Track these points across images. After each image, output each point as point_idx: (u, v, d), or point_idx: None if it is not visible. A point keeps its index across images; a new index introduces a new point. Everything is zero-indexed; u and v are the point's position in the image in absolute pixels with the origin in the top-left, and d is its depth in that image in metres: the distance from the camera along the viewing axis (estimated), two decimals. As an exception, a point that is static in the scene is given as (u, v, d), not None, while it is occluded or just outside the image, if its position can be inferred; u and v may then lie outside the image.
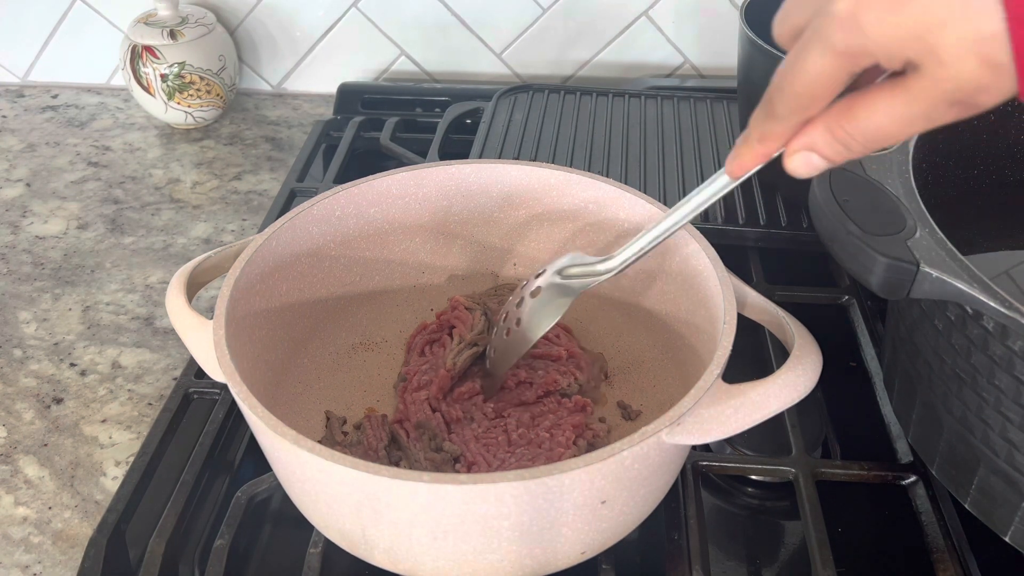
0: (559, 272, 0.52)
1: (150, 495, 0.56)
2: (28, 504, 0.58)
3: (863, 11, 0.30)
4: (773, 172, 0.40)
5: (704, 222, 0.74)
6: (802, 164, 0.35)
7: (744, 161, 0.39)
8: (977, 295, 0.41)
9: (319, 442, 0.43)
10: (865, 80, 0.33)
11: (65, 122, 1.01)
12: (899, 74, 0.32)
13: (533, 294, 0.53)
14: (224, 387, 0.56)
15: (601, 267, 0.51)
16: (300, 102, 1.05)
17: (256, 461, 0.57)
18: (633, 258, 0.50)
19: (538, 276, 0.54)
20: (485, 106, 0.90)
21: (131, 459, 0.59)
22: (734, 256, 0.62)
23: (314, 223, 0.60)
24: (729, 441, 0.58)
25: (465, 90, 0.98)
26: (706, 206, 0.45)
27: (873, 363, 0.64)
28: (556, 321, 0.52)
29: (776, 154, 0.38)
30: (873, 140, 0.33)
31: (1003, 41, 0.28)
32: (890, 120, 0.32)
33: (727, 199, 0.77)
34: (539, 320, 0.52)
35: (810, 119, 0.35)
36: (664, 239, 0.49)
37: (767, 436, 0.59)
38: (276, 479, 0.52)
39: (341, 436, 0.57)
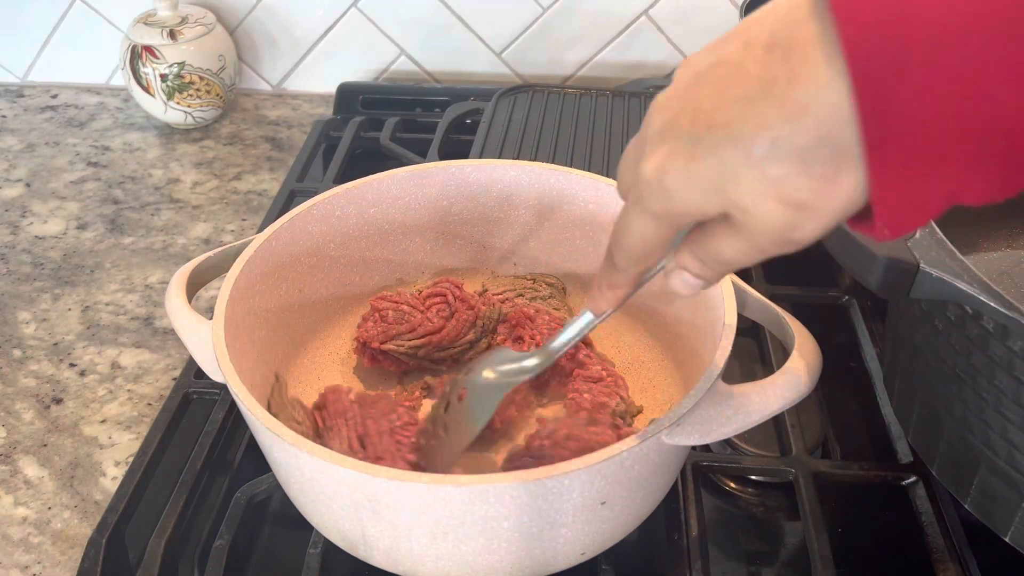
0: (485, 370, 0.50)
1: (150, 495, 0.56)
2: (28, 504, 0.58)
3: (666, 174, 0.31)
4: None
5: (704, 222, 0.74)
6: (679, 284, 0.37)
7: (600, 305, 0.42)
8: (977, 295, 0.41)
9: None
10: None
11: (65, 122, 1.01)
12: None
13: (460, 397, 0.51)
14: (224, 387, 0.56)
15: (528, 364, 0.49)
16: (300, 102, 1.05)
17: (256, 461, 0.57)
18: (550, 361, 0.48)
19: (466, 374, 0.52)
20: (485, 106, 0.90)
21: (131, 459, 0.58)
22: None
23: (314, 223, 0.60)
24: (729, 441, 0.58)
25: (465, 90, 0.98)
26: (582, 336, 0.46)
27: (873, 363, 0.64)
28: (487, 420, 0.50)
29: (628, 296, 0.41)
30: (727, 265, 0.34)
31: (794, 179, 0.28)
32: (733, 252, 0.33)
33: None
34: (471, 421, 0.50)
35: (648, 268, 0.38)
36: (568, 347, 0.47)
37: (767, 436, 0.59)
38: (276, 479, 0.52)
39: (283, 403, 0.55)
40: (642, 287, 0.41)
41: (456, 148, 0.87)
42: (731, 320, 0.49)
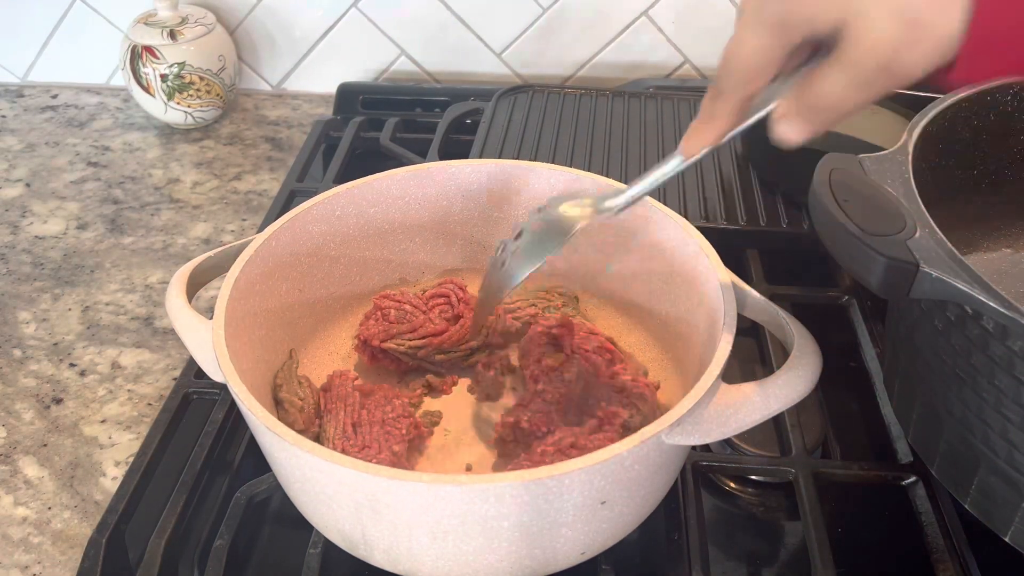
0: (564, 204, 0.49)
1: (150, 495, 0.56)
2: (28, 504, 0.58)
3: None
4: (774, 172, 0.40)
5: (704, 222, 0.74)
6: (786, 130, 0.36)
7: (694, 142, 0.41)
8: (977, 295, 0.41)
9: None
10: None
11: (65, 122, 1.01)
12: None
13: (534, 227, 0.50)
14: (224, 387, 0.56)
15: (608, 204, 0.48)
16: (300, 102, 1.05)
17: (256, 461, 0.57)
18: (630, 202, 0.48)
19: (544, 208, 0.51)
20: (485, 106, 0.90)
21: (131, 459, 0.58)
22: (734, 256, 0.62)
23: (314, 223, 0.60)
24: (729, 441, 0.58)
25: (465, 90, 0.98)
26: (668, 176, 0.45)
27: (873, 363, 0.64)
28: (543, 261, 0.49)
29: (726, 134, 0.39)
30: (830, 108, 0.34)
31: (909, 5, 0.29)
32: (837, 89, 0.33)
33: (728, 199, 0.77)
34: (537, 250, 0.49)
35: (755, 93, 0.37)
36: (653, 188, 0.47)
37: (767, 436, 0.59)
38: (276, 479, 0.52)
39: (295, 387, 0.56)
40: (740, 132, 0.39)
41: (456, 148, 0.87)
42: (731, 320, 0.49)
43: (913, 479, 0.55)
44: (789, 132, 0.36)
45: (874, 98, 0.33)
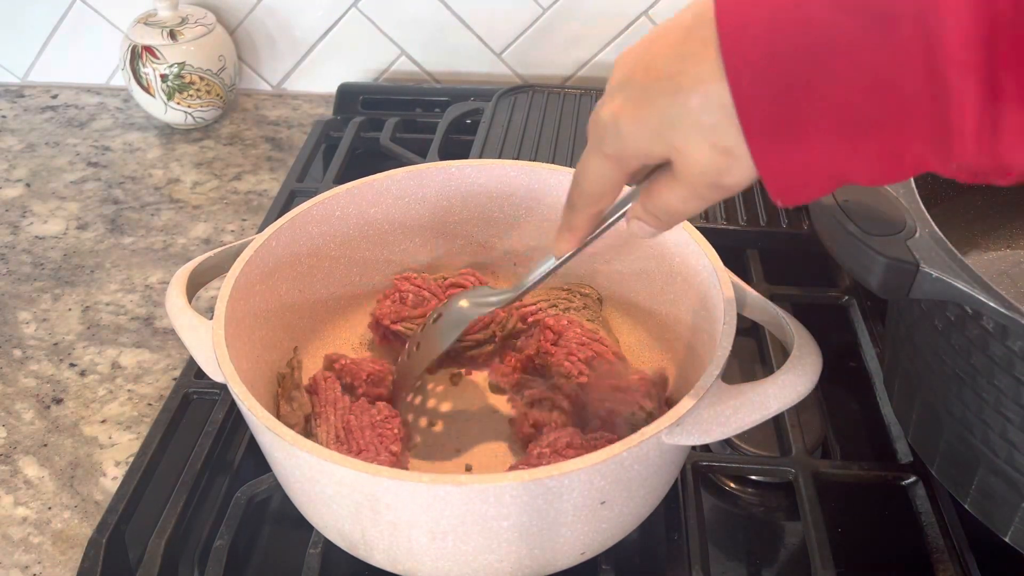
0: (461, 300, 0.55)
1: (150, 495, 0.56)
2: (28, 504, 0.58)
3: (620, 119, 0.36)
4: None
5: (704, 222, 0.74)
6: (636, 228, 0.41)
7: (561, 247, 0.45)
8: (977, 295, 0.41)
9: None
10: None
11: (65, 122, 1.01)
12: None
13: (435, 320, 0.56)
14: (224, 387, 0.56)
15: (496, 299, 0.54)
16: (300, 102, 1.05)
17: (256, 461, 0.57)
18: (515, 298, 0.53)
19: (445, 305, 0.56)
20: (485, 106, 0.90)
21: (131, 459, 0.58)
22: (734, 256, 0.62)
23: (314, 223, 0.60)
24: (729, 441, 0.58)
25: (465, 90, 0.98)
26: (545, 278, 0.50)
27: (873, 363, 0.64)
28: (449, 343, 0.54)
29: (586, 239, 0.44)
30: (672, 215, 0.39)
31: (726, 128, 0.33)
32: (674, 200, 0.37)
33: (727, 199, 0.76)
34: (440, 341, 0.55)
35: (603, 208, 0.42)
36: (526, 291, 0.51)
37: (767, 436, 0.59)
38: (276, 479, 0.52)
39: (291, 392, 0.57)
40: (599, 235, 0.44)
41: (456, 148, 0.87)
42: (731, 320, 0.49)
43: (913, 479, 0.55)
44: (640, 231, 0.41)
45: (710, 204, 0.38)
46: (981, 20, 0.27)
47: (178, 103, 0.95)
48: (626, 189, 0.41)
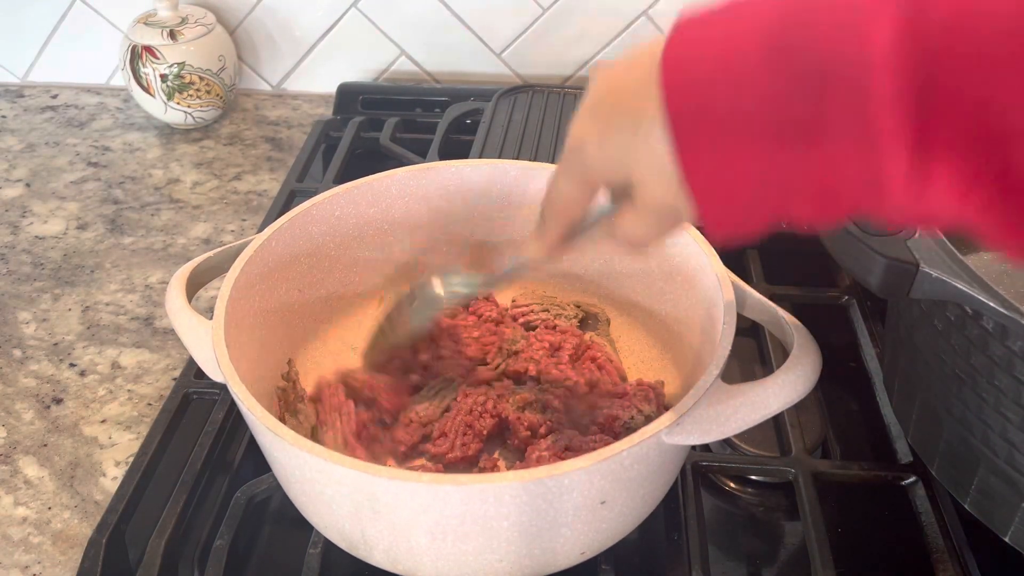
0: (437, 284, 0.56)
1: (150, 495, 0.56)
2: (28, 504, 0.58)
3: (585, 144, 0.38)
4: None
5: (704, 222, 0.74)
6: (614, 248, 0.42)
7: (532, 250, 0.46)
8: (977, 295, 0.41)
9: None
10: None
11: (65, 122, 1.01)
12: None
13: (408, 300, 0.57)
14: (223, 387, 0.56)
15: (469, 288, 0.55)
16: (300, 102, 1.05)
17: (256, 461, 0.57)
18: (488, 289, 0.55)
19: (420, 286, 0.57)
20: (485, 106, 0.90)
21: (131, 459, 0.58)
22: (734, 256, 0.62)
23: (314, 223, 0.60)
24: (729, 441, 0.58)
25: (465, 90, 0.98)
26: (517, 275, 0.51)
27: (873, 363, 0.64)
28: (426, 324, 0.56)
29: (557, 249, 0.45)
30: (636, 241, 0.40)
31: (674, 173, 0.34)
32: (636, 228, 0.39)
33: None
34: (414, 322, 0.56)
35: (572, 222, 0.43)
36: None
37: (767, 436, 0.59)
38: (276, 479, 0.52)
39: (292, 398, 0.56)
40: (570, 243, 0.45)
41: (456, 148, 0.87)
42: (731, 320, 0.49)
43: (913, 479, 0.55)
44: (616, 249, 0.42)
45: (672, 233, 0.39)
46: (908, 84, 0.27)
47: (178, 103, 0.95)
48: (603, 202, 0.42)
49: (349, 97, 0.99)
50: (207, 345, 0.49)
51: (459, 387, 0.57)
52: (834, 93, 0.29)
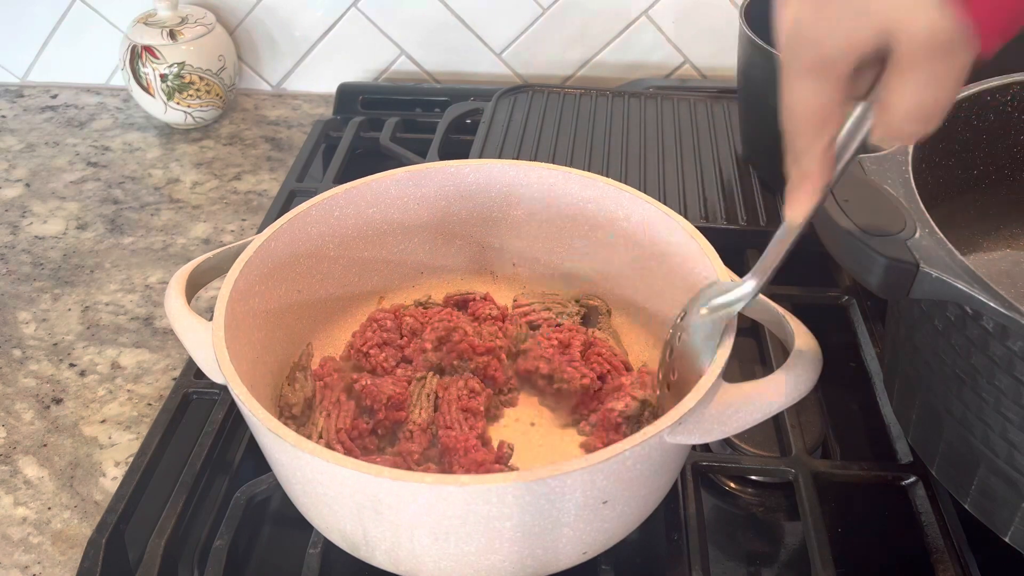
0: (701, 308, 0.49)
1: (149, 495, 0.55)
2: (27, 504, 0.58)
3: (804, 21, 0.31)
4: (774, 172, 0.40)
5: (704, 222, 0.74)
6: (888, 145, 0.35)
7: (796, 209, 0.38)
8: (977, 295, 0.41)
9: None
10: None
11: (64, 122, 1.01)
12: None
13: (680, 339, 0.50)
14: (223, 387, 0.56)
15: (741, 292, 0.47)
16: (300, 102, 1.05)
17: (255, 461, 0.57)
18: (761, 284, 0.46)
19: (681, 319, 0.50)
20: (485, 106, 0.90)
21: (130, 459, 0.58)
22: (734, 256, 0.62)
23: (313, 224, 0.59)
24: (729, 441, 0.58)
25: (465, 90, 0.98)
26: (788, 251, 0.44)
27: (873, 363, 0.64)
28: (714, 351, 0.47)
29: (825, 186, 0.37)
30: (919, 114, 0.32)
31: None
32: (915, 93, 0.31)
33: (728, 199, 0.77)
34: (697, 357, 0.48)
35: (833, 137, 0.34)
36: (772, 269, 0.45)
37: (767, 436, 0.59)
38: (275, 479, 0.52)
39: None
40: (841, 175, 0.36)
41: (456, 148, 0.87)
42: (731, 320, 0.49)
43: (913, 479, 0.55)
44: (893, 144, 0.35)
45: (953, 91, 0.31)
46: None
47: (178, 103, 0.95)
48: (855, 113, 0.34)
49: (349, 97, 0.99)
50: (207, 346, 0.49)
51: (435, 379, 0.58)
52: None
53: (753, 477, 0.58)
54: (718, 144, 0.84)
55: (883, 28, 0.29)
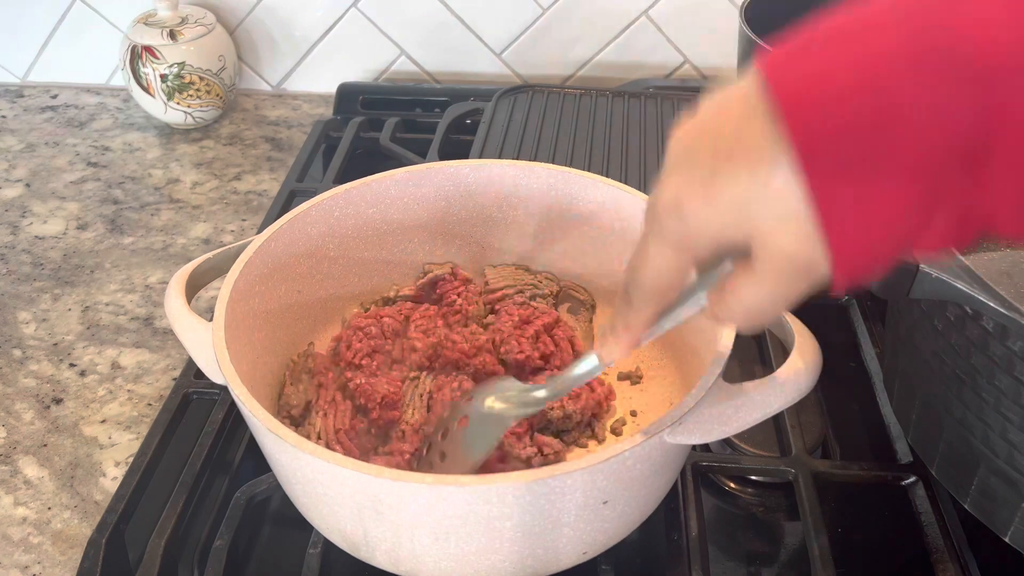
0: (489, 398, 0.49)
1: (149, 495, 0.56)
2: (27, 504, 0.58)
3: (684, 202, 0.32)
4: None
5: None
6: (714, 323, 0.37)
7: (610, 351, 0.41)
8: (977, 295, 0.41)
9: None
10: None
11: (64, 122, 1.01)
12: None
13: (459, 424, 0.49)
14: (223, 388, 0.56)
15: (536, 395, 0.48)
16: (300, 102, 1.05)
17: (255, 461, 0.57)
18: (556, 396, 0.48)
19: (467, 401, 0.51)
20: (485, 106, 0.90)
21: (130, 459, 0.58)
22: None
23: (313, 224, 0.60)
24: (729, 441, 0.58)
25: (465, 90, 0.98)
26: (587, 378, 0.45)
27: (873, 363, 0.64)
28: (489, 453, 0.48)
29: (642, 342, 0.39)
30: (752, 315, 0.34)
31: (809, 218, 0.29)
32: (758, 296, 0.32)
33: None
34: (470, 452, 0.48)
35: (666, 305, 0.37)
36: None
37: (767, 436, 0.59)
38: (275, 479, 0.52)
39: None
40: (658, 331, 0.39)
41: (456, 148, 0.87)
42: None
43: (913, 479, 0.55)
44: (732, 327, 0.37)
45: (794, 302, 0.33)
46: None
47: (178, 103, 0.95)
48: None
49: (349, 97, 0.99)
50: (207, 347, 0.49)
51: (428, 378, 0.58)
52: (996, 102, 0.26)
53: (753, 477, 0.58)
54: (718, 144, 0.84)
55: (753, 235, 0.31)
